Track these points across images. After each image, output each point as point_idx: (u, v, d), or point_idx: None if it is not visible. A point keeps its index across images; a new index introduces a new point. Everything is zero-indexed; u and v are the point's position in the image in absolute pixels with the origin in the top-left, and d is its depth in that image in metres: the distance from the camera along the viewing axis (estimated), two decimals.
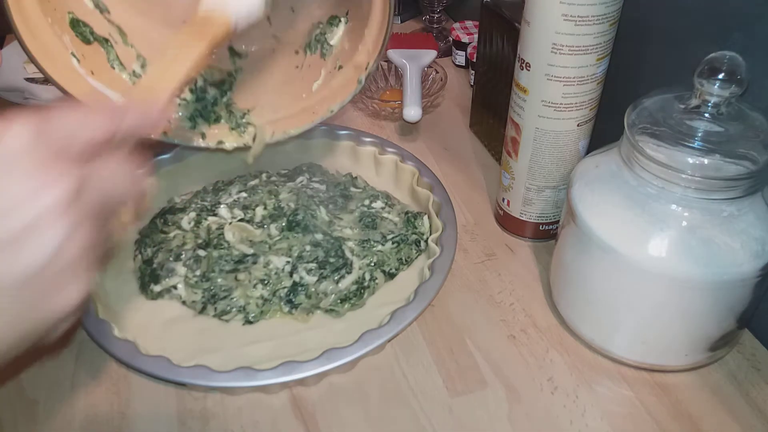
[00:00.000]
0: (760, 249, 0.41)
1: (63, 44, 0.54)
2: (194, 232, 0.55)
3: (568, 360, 0.48)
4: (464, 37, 0.82)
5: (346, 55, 0.59)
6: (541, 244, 0.58)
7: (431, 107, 0.76)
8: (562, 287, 0.50)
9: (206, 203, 0.58)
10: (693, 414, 0.45)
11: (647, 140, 0.41)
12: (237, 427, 0.44)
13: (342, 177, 0.63)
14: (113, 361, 0.47)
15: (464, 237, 0.59)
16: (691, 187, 0.40)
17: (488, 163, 0.68)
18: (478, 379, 0.47)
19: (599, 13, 0.45)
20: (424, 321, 0.51)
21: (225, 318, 0.50)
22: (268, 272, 0.52)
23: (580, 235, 0.45)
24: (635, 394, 0.46)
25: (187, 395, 0.46)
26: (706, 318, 0.43)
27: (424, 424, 0.44)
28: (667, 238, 0.41)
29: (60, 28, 0.54)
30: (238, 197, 0.59)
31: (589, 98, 0.50)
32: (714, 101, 0.41)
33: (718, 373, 0.47)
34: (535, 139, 0.52)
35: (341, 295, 0.51)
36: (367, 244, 0.54)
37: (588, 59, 0.47)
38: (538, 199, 0.56)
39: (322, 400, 0.45)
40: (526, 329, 0.51)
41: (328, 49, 0.60)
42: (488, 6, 0.62)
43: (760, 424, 0.44)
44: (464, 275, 0.55)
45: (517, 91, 0.51)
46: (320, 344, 0.46)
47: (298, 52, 0.61)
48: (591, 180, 0.46)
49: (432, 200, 0.58)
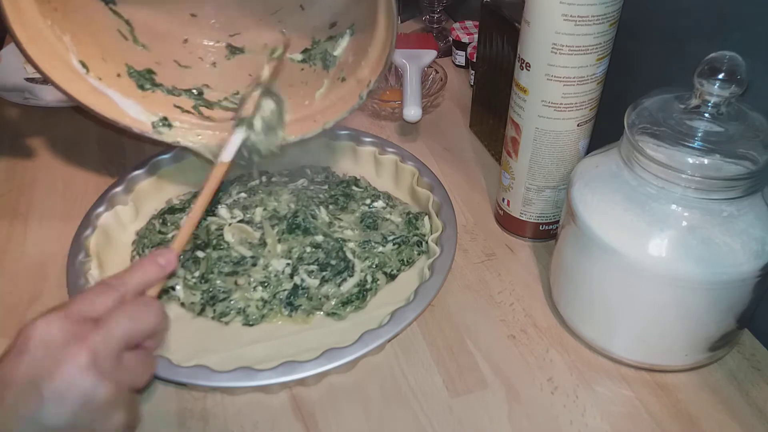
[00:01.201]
0: (760, 249, 0.41)
1: (64, 45, 0.54)
2: (193, 233, 0.55)
3: (568, 360, 0.48)
4: (464, 37, 0.82)
5: (350, 68, 0.58)
6: (541, 244, 0.58)
7: (431, 107, 0.76)
8: (562, 287, 0.50)
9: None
10: (693, 414, 0.45)
11: (647, 140, 0.41)
12: (237, 427, 0.44)
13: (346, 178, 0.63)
14: None
15: (464, 237, 0.59)
16: (691, 187, 0.40)
17: (488, 163, 0.68)
18: (478, 379, 0.47)
19: (599, 13, 0.45)
20: (424, 321, 0.51)
21: (224, 320, 0.50)
22: (267, 274, 0.52)
23: (580, 235, 0.45)
24: (635, 394, 0.46)
25: (187, 395, 0.46)
26: (706, 318, 0.43)
27: (424, 424, 0.44)
28: (667, 238, 0.41)
29: (60, 29, 0.53)
30: (237, 197, 0.59)
31: (589, 98, 0.50)
32: (714, 101, 0.41)
33: (718, 373, 0.47)
34: (535, 139, 0.52)
35: (343, 298, 0.51)
36: (367, 245, 0.54)
37: (588, 59, 0.47)
38: (538, 199, 0.56)
39: (322, 400, 0.45)
40: (526, 329, 0.51)
41: (332, 60, 0.59)
42: (488, 6, 0.62)
43: (760, 424, 0.44)
44: (464, 275, 0.55)
45: (517, 91, 0.51)
46: (320, 344, 0.46)
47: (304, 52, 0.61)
48: (591, 180, 0.46)
49: (432, 200, 0.58)
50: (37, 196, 0.63)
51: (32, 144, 0.70)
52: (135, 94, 0.59)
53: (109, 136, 0.70)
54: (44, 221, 0.60)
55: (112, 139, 0.70)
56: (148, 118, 0.58)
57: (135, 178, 0.61)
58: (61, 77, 0.54)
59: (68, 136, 0.71)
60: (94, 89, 0.56)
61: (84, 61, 0.55)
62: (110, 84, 0.57)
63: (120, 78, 0.58)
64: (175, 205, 0.59)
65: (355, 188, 0.61)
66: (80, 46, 0.55)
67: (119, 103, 0.57)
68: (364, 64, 0.56)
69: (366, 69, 0.56)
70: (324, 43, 0.60)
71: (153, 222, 0.58)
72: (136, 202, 0.60)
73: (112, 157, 0.68)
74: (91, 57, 0.56)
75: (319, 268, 0.52)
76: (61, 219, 0.60)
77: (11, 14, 0.49)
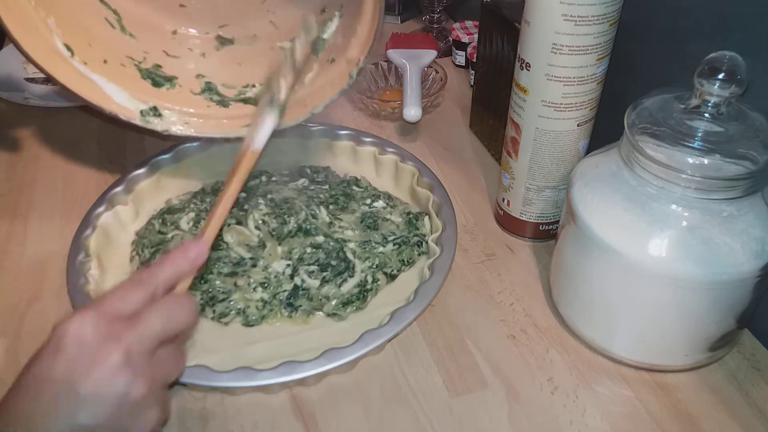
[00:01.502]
0: (760, 249, 0.41)
1: (48, 27, 0.53)
2: (193, 233, 0.55)
3: (568, 360, 0.48)
4: (464, 37, 0.82)
5: (338, 49, 0.58)
6: (541, 244, 0.58)
7: (431, 107, 0.76)
8: (562, 287, 0.50)
9: (206, 204, 0.58)
10: (693, 414, 0.45)
11: (647, 140, 0.41)
12: (237, 427, 0.44)
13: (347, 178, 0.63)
14: None
15: (464, 237, 0.59)
16: (691, 187, 0.40)
17: (488, 163, 0.68)
18: (478, 379, 0.47)
19: (599, 13, 0.45)
20: (424, 321, 0.51)
21: (224, 320, 0.50)
22: (267, 275, 0.52)
23: (580, 235, 0.45)
24: (635, 394, 0.46)
25: (187, 395, 0.46)
26: (706, 318, 0.43)
27: (424, 424, 0.44)
28: (667, 238, 0.41)
29: (45, 12, 0.52)
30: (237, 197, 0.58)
31: (589, 98, 0.50)
32: (714, 101, 0.41)
33: (718, 373, 0.47)
34: (535, 139, 0.52)
35: (343, 299, 0.51)
36: (368, 246, 0.54)
37: (588, 59, 0.47)
38: (538, 199, 0.56)
39: (322, 400, 0.45)
40: (526, 329, 0.51)
41: (321, 44, 0.59)
42: (488, 6, 0.62)
43: (760, 424, 0.44)
44: (464, 275, 0.55)
45: (517, 91, 0.51)
46: (320, 344, 0.46)
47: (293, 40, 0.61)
48: (591, 180, 0.46)
49: (432, 200, 0.58)
50: (37, 196, 0.63)
51: (32, 144, 0.70)
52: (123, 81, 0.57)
53: (109, 137, 0.71)
54: (44, 221, 0.60)
55: (113, 139, 0.70)
56: (136, 106, 0.58)
57: (135, 178, 0.61)
58: (45, 59, 0.52)
59: (68, 136, 0.71)
60: (79, 73, 0.55)
61: (69, 44, 0.54)
62: (95, 69, 0.56)
63: (107, 64, 0.57)
64: (175, 205, 0.59)
65: (356, 188, 0.61)
66: (65, 30, 0.54)
67: (105, 88, 0.56)
68: (353, 42, 0.56)
69: (355, 48, 0.56)
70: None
71: (153, 222, 0.58)
72: (136, 202, 0.60)
73: (112, 157, 0.68)
74: (76, 42, 0.55)
75: (320, 268, 0.52)
76: (61, 219, 0.60)
77: None
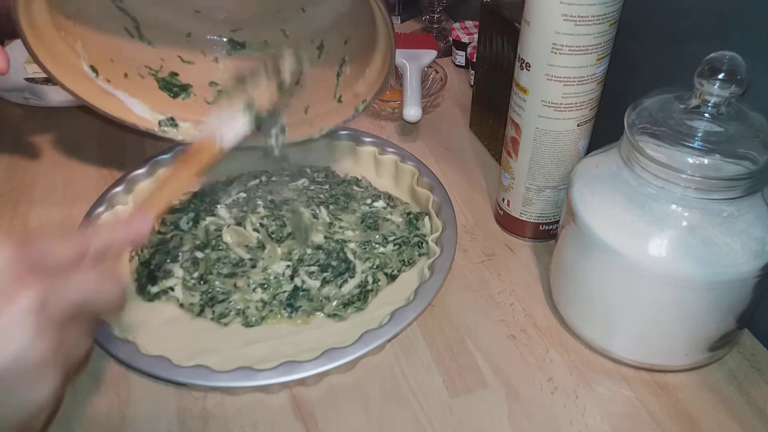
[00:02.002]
0: (760, 249, 0.41)
1: (76, 53, 0.56)
2: (192, 233, 0.55)
3: (568, 360, 0.48)
4: (464, 37, 0.82)
5: (347, 81, 0.60)
6: (541, 244, 0.58)
7: (431, 107, 0.76)
8: (562, 287, 0.50)
9: (205, 204, 0.58)
10: (693, 414, 0.45)
11: (647, 140, 0.41)
12: (237, 427, 0.44)
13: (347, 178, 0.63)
14: (113, 361, 0.47)
15: (464, 237, 0.59)
16: (691, 187, 0.40)
17: (488, 163, 0.68)
18: (478, 379, 0.47)
19: (599, 13, 0.45)
20: (424, 321, 0.51)
21: (223, 321, 0.50)
22: (267, 276, 0.52)
23: (580, 235, 0.45)
24: (635, 394, 0.46)
25: (187, 395, 0.46)
26: (706, 318, 0.43)
27: (424, 424, 0.44)
28: (667, 238, 0.41)
29: (73, 38, 0.56)
30: (237, 197, 0.58)
31: (589, 98, 0.50)
32: (714, 101, 0.41)
33: (718, 373, 0.47)
34: (535, 139, 0.52)
35: (344, 299, 0.51)
36: (368, 246, 0.54)
37: (588, 59, 0.47)
38: (538, 199, 0.56)
39: (322, 400, 0.45)
40: (526, 329, 0.51)
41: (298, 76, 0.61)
42: (488, 6, 0.62)
43: (760, 424, 0.44)
44: (464, 275, 0.55)
45: (517, 91, 0.51)
46: (320, 344, 0.46)
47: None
48: (591, 180, 0.46)
49: (432, 200, 0.58)
50: (37, 196, 0.63)
51: (32, 144, 0.70)
52: (142, 94, 0.62)
53: (109, 137, 0.71)
54: (44, 221, 0.60)
55: (113, 139, 0.70)
56: (154, 116, 0.62)
57: (135, 178, 0.61)
58: (74, 83, 0.57)
59: (68, 136, 0.71)
60: (103, 91, 0.59)
61: (94, 65, 0.59)
62: (118, 86, 0.60)
63: (127, 78, 0.61)
64: (175, 205, 0.59)
65: (356, 188, 0.61)
66: (91, 51, 0.58)
67: (125, 102, 0.61)
68: (361, 81, 0.58)
69: (363, 86, 0.58)
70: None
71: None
72: (136, 202, 0.60)
73: (113, 157, 0.68)
74: (100, 60, 0.59)
75: (320, 269, 0.52)
76: (61, 219, 0.60)
77: (29, 34, 0.52)
